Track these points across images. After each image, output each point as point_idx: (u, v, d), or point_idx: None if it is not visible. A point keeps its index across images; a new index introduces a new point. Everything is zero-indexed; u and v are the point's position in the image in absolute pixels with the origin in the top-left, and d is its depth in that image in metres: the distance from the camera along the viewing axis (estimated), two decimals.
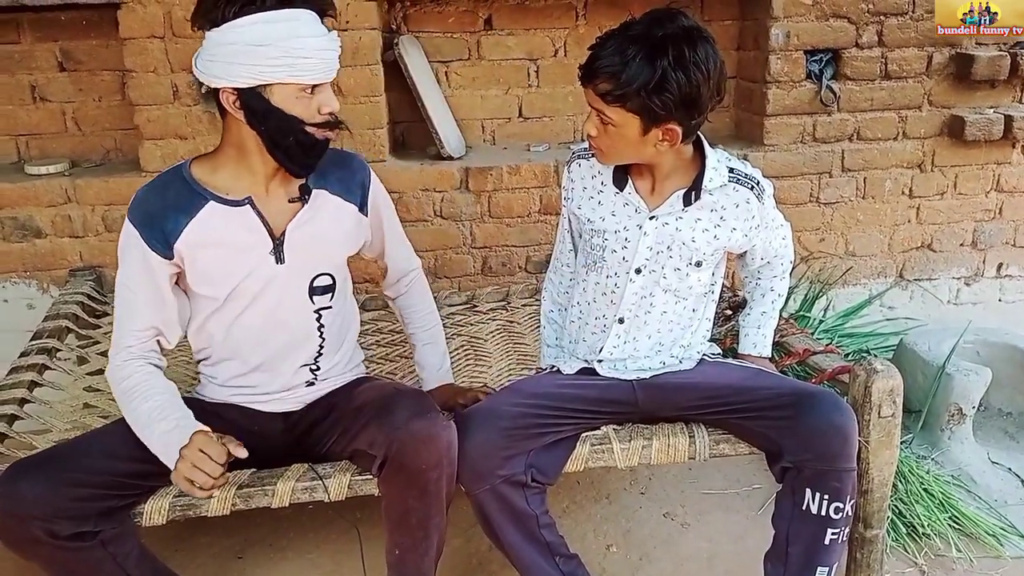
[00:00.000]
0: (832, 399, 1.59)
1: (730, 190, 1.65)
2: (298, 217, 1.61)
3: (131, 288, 1.56)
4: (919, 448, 2.36)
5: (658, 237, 1.66)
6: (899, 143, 2.87)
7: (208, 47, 1.46)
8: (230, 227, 1.56)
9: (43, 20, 2.63)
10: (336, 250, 1.70)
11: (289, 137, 1.50)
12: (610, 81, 1.46)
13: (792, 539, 1.60)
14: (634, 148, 1.56)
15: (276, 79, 1.44)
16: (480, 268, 2.84)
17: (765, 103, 2.75)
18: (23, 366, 2.03)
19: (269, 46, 1.41)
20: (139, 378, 1.55)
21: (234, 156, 1.56)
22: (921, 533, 2.07)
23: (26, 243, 2.62)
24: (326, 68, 1.49)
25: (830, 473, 1.54)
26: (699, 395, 1.69)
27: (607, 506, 2.25)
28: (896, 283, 3.07)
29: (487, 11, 2.79)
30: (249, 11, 1.41)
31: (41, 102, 2.73)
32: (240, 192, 1.57)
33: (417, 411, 1.52)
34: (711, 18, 2.89)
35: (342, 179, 1.69)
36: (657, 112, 1.47)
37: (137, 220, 1.53)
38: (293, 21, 1.43)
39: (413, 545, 1.60)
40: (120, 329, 1.58)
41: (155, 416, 1.50)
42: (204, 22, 1.45)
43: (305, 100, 1.49)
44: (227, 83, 1.45)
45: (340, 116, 1.56)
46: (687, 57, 1.43)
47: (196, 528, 2.09)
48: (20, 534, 1.38)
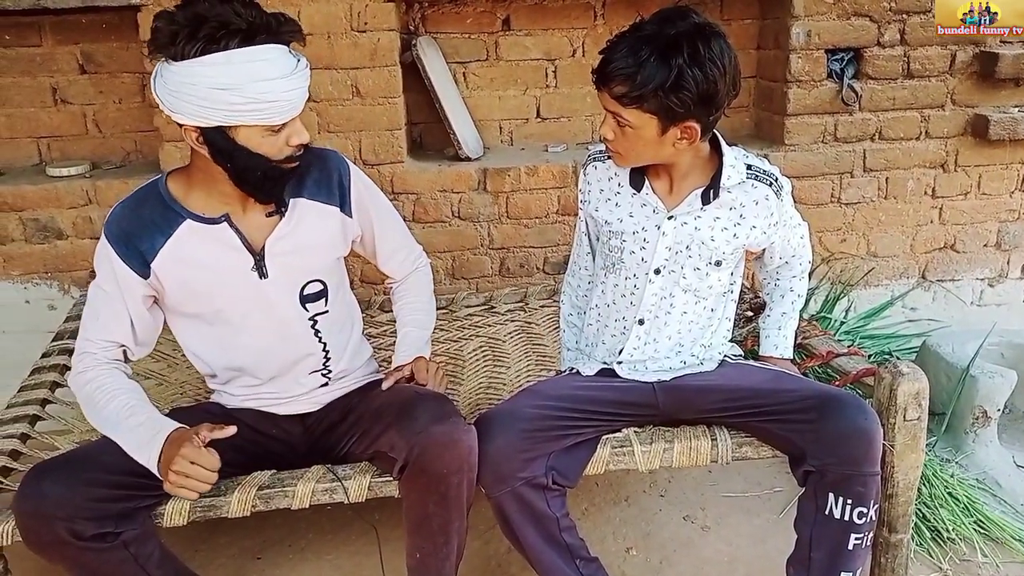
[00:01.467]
0: (856, 403, 1.56)
1: (748, 187, 1.64)
2: (277, 230, 1.58)
3: (101, 300, 1.54)
4: (943, 451, 2.33)
5: (677, 237, 1.64)
6: (922, 143, 2.84)
7: (169, 80, 1.38)
8: (208, 246, 1.53)
9: (64, 23, 2.65)
10: (322, 257, 1.66)
11: (256, 172, 1.46)
12: (625, 83, 1.45)
13: (815, 544, 1.58)
14: (652, 149, 1.55)
15: (241, 122, 1.39)
16: (498, 269, 2.84)
17: (786, 102, 2.72)
18: (45, 367, 2.04)
19: (232, 90, 1.35)
20: (101, 380, 1.53)
21: (205, 179, 1.52)
22: (946, 538, 2.04)
23: (47, 244, 2.64)
24: (293, 107, 1.43)
25: (854, 477, 1.52)
26: (720, 397, 1.68)
27: (626, 509, 2.24)
28: (918, 284, 3.03)
29: (505, 11, 2.79)
30: (211, 51, 1.33)
31: (62, 104, 2.75)
32: (216, 210, 1.54)
33: (438, 415, 1.51)
34: (731, 17, 2.87)
35: (319, 181, 1.63)
36: (675, 111, 1.46)
37: (113, 237, 1.51)
38: (258, 62, 1.36)
39: (434, 550, 1.59)
40: (85, 336, 1.56)
41: (123, 414, 1.48)
42: (164, 55, 1.38)
43: (272, 138, 1.44)
44: (191, 122, 1.39)
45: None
46: (702, 54, 1.42)
47: (215, 528, 2.10)
48: (43, 535, 1.39)
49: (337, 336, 1.71)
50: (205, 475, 1.40)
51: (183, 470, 1.38)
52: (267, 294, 1.59)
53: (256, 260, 1.57)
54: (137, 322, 1.56)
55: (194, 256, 1.52)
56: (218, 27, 1.33)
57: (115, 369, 1.56)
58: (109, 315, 1.54)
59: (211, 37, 1.33)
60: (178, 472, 1.38)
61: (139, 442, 1.45)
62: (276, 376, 1.66)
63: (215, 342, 1.62)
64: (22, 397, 1.91)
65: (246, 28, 1.35)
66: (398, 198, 2.69)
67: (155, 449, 1.43)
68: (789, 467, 1.64)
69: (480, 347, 2.33)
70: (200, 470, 1.39)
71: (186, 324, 1.62)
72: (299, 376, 1.68)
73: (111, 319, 1.55)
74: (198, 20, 1.34)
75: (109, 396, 1.51)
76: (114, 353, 1.57)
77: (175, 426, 1.46)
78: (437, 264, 2.78)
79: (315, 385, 1.70)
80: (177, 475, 1.39)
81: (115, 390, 1.52)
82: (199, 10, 1.35)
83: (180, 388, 2.11)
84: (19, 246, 2.64)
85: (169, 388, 2.11)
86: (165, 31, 1.36)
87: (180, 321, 1.62)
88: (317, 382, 1.70)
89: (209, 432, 1.44)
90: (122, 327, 1.55)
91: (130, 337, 1.57)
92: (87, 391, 1.53)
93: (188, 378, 2.14)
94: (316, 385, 1.70)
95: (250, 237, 1.56)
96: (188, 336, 1.64)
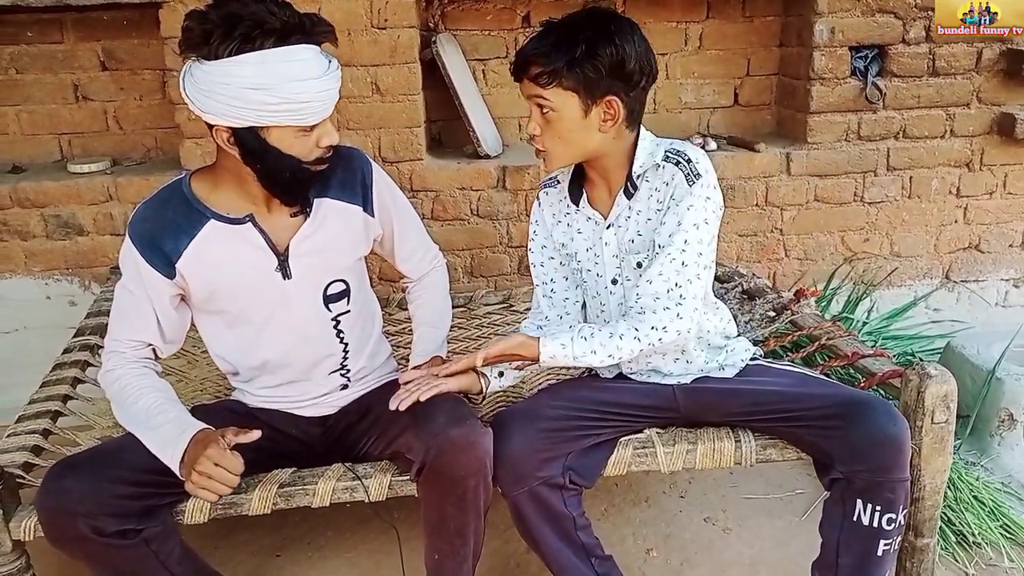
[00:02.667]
0: (885, 408, 1.53)
1: (658, 170, 1.54)
2: (302, 231, 1.57)
3: (127, 300, 1.54)
4: (968, 454, 2.30)
5: (619, 243, 1.62)
6: (946, 141, 2.80)
7: (201, 79, 1.36)
8: (232, 246, 1.53)
9: (86, 20, 2.66)
10: (345, 256, 1.65)
11: (285, 174, 1.46)
12: (539, 62, 1.46)
13: (843, 550, 1.55)
14: (579, 136, 1.51)
15: (274, 122, 1.38)
16: (516, 267, 2.82)
17: (808, 100, 2.70)
18: (66, 363, 2.04)
19: (266, 90, 1.34)
20: (129, 379, 1.53)
21: (230, 179, 1.51)
22: (972, 542, 2.01)
23: (69, 241, 2.66)
24: (326, 108, 1.43)
25: (884, 484, 1.49)
26: (744, 401, 1.65)
27: (646, 510, 2.22)
28: (942, 284, 2.99)
29: (525, 8, 2.77)
30: (246, 50, 1.32)
31: (83, 101, 2.76)
32: (241, 210, 1.53)
33: (455, 417, 1.50)
34: (752, 14, 2.84)
35: (343, 181, 1.62)
36: (593, 83, 1.46)
37: (137, 239, 1.50)
38: (292, 62, 1.35)
39: (452, 551, 1.58)
40: (112, 336, 1.57)
41: (149, 413, 1.48)
42: (197, 55, 1.36)
43: (303, 138, 1.43)
44: (222, 122, 1.38)
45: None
46: (609, 28, 1.46)
47: (235, 526, 2.10)
48: (66, 531, 1.39)
49: (359, 335, 1.70)
50: (227, 478, 1.39)
51: (206, 471, 1.38)
52: (291, 294, 1.58)
53: (280, 260, 1.56)
54: (164, 321, 1.56)
55: (218, 256, 1.52)
56: (253, 26, 1.32)
57: (143, 367, 1.56)
58: (135, 315, 1.54)
59: (246, 37, 1.32)
60: (201, 473, 1.38)
61: (163, 441, 1.45)
62: (297, 375, 1.66)
63: (238, 341, 1.62)
64: (44, 393, 1.91)
65: (280, 28, 1.34)
66: (417, 195, 2.69)
67: (179, 448, 1.42)
68: (815, 470, 1.62)
69: None
70: (223, 472, 1.39)
71: (210, 322, 1.62)
72: (319, 377, 1.67)
73: (137, 319, 1.55)
74: (232, 19, 1.32)
75: (136, 395, 1.51)
76: (143, 352, 1.57)
77: (200, 427, 1.46)
78: (455, 262, 2.77)
79: (335, 386, 1.70)
80: (200, 476, 1.38)
81: (142, 388, 1.52)
82: (232, 9, 1.33)
83: (201, 385, 2.11)
84: (40, 242, 2.65)
85: (190, 385, 2.11)
86: (198, 30, 1.34)
87: (204, 319, 1.62)
88: (337, 383, 1.70)
89: (235, 436, 1.43)
90: (149, 327, 1.55)
91: (157, 336, 1.57)
92: (115, 389, 1.53)
93: (209, 375, 2.14)
94: (336, 386, 1.70)
95: (274, 237, 1.55)
96: (211, 334, 1.64)
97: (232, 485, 1.40)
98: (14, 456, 1.65)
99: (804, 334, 2.08)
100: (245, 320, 1.59)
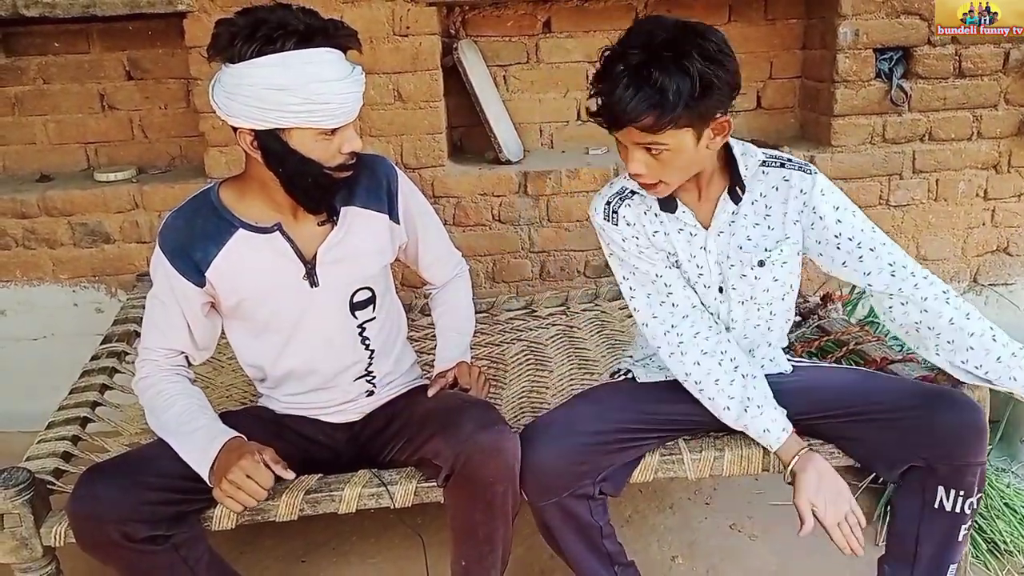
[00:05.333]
0: (967, 398, 1.54)
1: (760, 175, 1.57)
2: (329, 239, 1.58)
3: (158, 310, 1.56)
4: (998, 460, 2.27)
5: (720, 249, 1.59)
6: (973, 143, 2.77)
7: (226, 82, 1.39)
8: (261, 254, 1.53)
9: (111, 30, 2.69)
10: (371, 264, 1.65)
11: (307, 179, 1.46)
12: (653, 113, 1.35)
13: (923, 538, 1.54)
14: (692, 161, 1.47)
15: (295, 124, 1.39)
16: (538, 273, 2.82)
17: (833, 103, 2.67)
18: (94, 370, 2.06)
19: (287, 91, 1.35)
20: (162, 387, 1.55)
21: (258, 187, 1.52)
22: (1003, 550, 1.99)
23: (95, 248, 2.69)
24: (348, 111, 1.43)
25: (966, 469, 1.49)
26: (804, 399, 1.60)
27: (671, 516, 2.21)
28: (970, 288, 2.95)
29: (546, 14, 2.77)
30: (268, 51, 1.34)
31: (109, 110, 2.80)
32: (269, 219, 1.54)
33: (484, 423, 1.50)
34: (775, 17, 2.82)
35: (369, 189, 1.62)
36: (708, 109, 1.38)
37: (167, 249, 1.51)
38: (314, 64, 1.36)
39: (479, 558, 1.58)
40: (145, 345, 1.59)
41: (181, 420, 1.50)
42: (222, 58, 1.39)
43: (325, 142, 1.43)
44: (245, 124, 1.40)
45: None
46: (706, 47, 1.34)
47: (260, 531, 2.11)
48: (97, 537, 1.40)
49: (384, 342, 1.70)
50: (256, 490, 1.40)
51: (236, 480, 1.38)
52: (318, 302, 1.59)
53: (308, 269, 1.57)
54: (195, 329, 1.58)
55: (246, 265, 1.53)
56: (275, 28, 1.34)
57: (176, 375, 1.58)
58: (167, 325, 1.56)
59: (268, 38, 1.34)
60: (231, 482, 1.38)
61: (194, 447, 1.46)
62: (323, 383, 1.66)
63: (265, 348, 1.63)
64: (72, 399, 1.93)
65: (303, 30, 1.36)
66: (439, 201, 2.69)
67: (209, 455, 1.43)
68: (873, 469, 1.61)
69: (522, 351, 2.32)
70: (252, 485, 1.39)
71: (238, 328, 1.63)
72: (345, 383, 1.68)
73: (169, 328, 1.57)
74: (257, 23, 1.35)
75: (168, 402, 1.53)
76: (176, 359, 1.59)
77: (232, 435, 1.47)
78: (477, 268, 2.77)
79: (361, 392, 1.70)
80: (229, 485, 1.39)
81: (174, 396, 1.53)
82: (259, 15, 1.36)
83: (227, 391, 2.12)
84: (68, 250, 2.69)
85: (216, 391, 2.12)
86: (225, 35, 1.37)
87: (232, 325, 1.63)
88: (362, 389, 1.70)
89: (274, 463, 1.43)
90: (181, 335, 1.57)
91: (189, 344, 1.59)
92: (148, 396, 1.56)
93: (235, 381, 2.16)
94: (362, 392, 1.70)
95: (302, 246, 1.56)
96: (239, 341, 1.65)
97: (260, 499, 1.41)
98: (44, 462, 1.67)
99: (832, 339, 2.06)
100: (272, 328, 1.60)
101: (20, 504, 1.48)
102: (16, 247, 2.68)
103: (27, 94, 2.75)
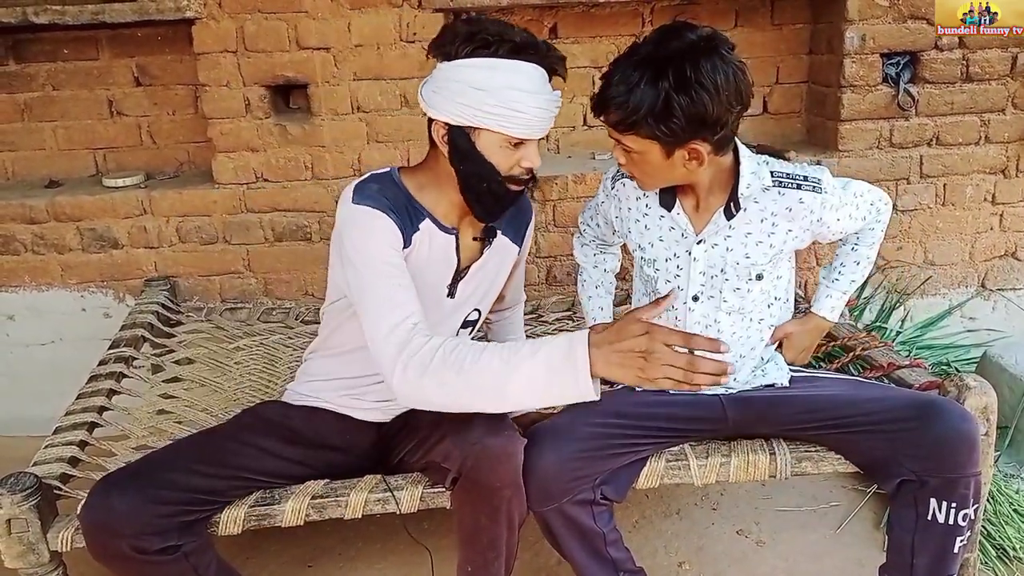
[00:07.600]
0: (956, 407, 1.52)
1: (775, 194, 1.56)
2: (483, 258, 1.63)
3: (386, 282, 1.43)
4: (1006, 466, 2.25)
5: (709, 260, 1.59)
6: (981, 148, 2.76)
7: (436, 77, 1.47)
8: (434, 251, 1.57)
9: (120, 37, 2.71)
10: (496, 289, 1.72)
11: (483, 183, 1.49)
12: (617, 111, 1.41)
13: (919, 550, 1.53)
14: (664, 171, 1.50)
15: (485, 125, 1.44)
16: (545, 278, 2.82)
17: (839, 108, 2.67)
18: (102, 374, 2.07)
19: (487, 92, 1.41)
20: (448, 344, 1.35)
21: (436, 182, 1.55)
22: (1012, 556, 1.97)
23: (103, 253, 2.70)
24: (537, 127, 1.46)
25: (958, 481, 1.47)
26: (797, 410, 1.62)
27: (678, 522, 2.20)
28: (978, 293, 2.94)
29: (552, 19, 2.78)
30: (480, 54, 1.42)
31: (118, 116, 2.81)
32: (450, 220, 1.58)
33: (493, 428, 1.49)
34: (781, 22, 2.82)
35: (512, 221, 1.68)
36: (671, 133, 1.40)
37: (383, 206, 1.47)
38: (517, 73, 1.42)
39: (484, 563, 1.58)
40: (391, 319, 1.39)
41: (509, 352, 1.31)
42: (438, 54, 1.47)
43: (507, 151, 1.47)
44: (442, 117, 1.45)
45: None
46: (689, 76, 1.34)
47: (266, 536, 2.10)
48: (109, 548, 1.40)
49: None
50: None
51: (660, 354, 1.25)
52: (447, 312, 1.62)
53: (454, 279, 1.61)
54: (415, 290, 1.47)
55: (421, 254, 1.55)
56: (493, 35, 1.42)
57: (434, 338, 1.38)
58: (404, 296, 1.43)
59: (485, 42, 1.42)
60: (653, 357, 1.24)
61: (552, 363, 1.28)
62: (381, 382, 1.61)
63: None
64: (80, 404, 1.94)
65: (518, 41, 1.43)
66: None
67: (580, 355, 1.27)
68: (872, 478, 1.59)
69: None
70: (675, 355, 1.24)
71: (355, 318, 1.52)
72: None
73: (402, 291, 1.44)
74: (478, 29, 1.43)
75: (475, 351, 1.34)
76: (423, 328, 1.40)
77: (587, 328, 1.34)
78: None
79: None
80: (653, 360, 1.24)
81: (474, 345, 1.36)
82: (482, 24, 1.45)
83: (234, 395, 2.12)
84: (76, 255, 2.70)
85: (223, 396, 2.12)
86: (448, 35, 1.45)
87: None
88: None
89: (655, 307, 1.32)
90: (412, 297, 1.44)
91: (420, 309, 1.44)
92: (436, 361, 1.33)
93: (241, 386, 2.16)
94: None
95: (462, 256, 1.61)
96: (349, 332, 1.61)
97: None
98: (51, 467, 1.68)
99: (838, 344, 2.05)
100: None
101: (27, 509, 1.49)
102: (25, 252, 2.69)
103: (36, 100, 2.77)
